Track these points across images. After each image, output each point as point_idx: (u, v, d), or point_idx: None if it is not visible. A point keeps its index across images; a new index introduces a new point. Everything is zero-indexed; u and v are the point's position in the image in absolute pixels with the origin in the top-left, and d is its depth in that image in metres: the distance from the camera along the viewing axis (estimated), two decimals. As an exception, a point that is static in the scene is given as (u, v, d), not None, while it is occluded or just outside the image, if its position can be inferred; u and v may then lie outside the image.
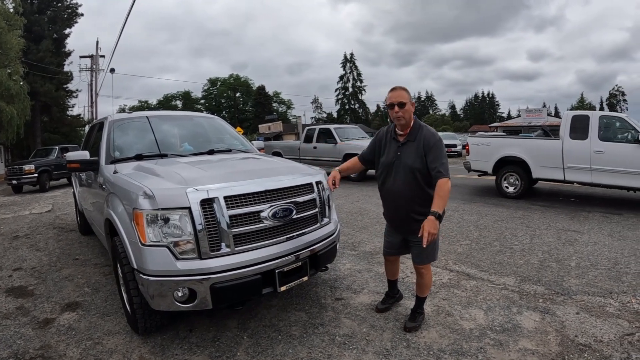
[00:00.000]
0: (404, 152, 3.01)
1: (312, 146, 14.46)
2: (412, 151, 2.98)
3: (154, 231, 2.81)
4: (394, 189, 3.05)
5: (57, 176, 16.17)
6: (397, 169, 3.03)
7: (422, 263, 3.18)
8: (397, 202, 3.08)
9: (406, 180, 2.98)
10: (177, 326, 3.40)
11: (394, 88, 3.02)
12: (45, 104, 30.02)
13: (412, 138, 3.01)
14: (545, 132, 10.39)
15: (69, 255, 5.75)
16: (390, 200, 3.13)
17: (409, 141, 3.01)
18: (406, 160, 2.98)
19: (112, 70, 5.03)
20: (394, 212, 3.17)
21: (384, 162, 3.14)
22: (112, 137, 4.34)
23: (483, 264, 4.80)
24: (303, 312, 3.64)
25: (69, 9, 32.62)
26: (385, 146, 3.18)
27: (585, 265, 4.70)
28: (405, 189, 2.99)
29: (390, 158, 3.08)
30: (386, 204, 3.23)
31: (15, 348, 3.18)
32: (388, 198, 3.16)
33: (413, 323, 3.28)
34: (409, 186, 2.98)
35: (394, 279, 3.63)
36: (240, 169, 3.73)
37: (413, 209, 3.01)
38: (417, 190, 2.98)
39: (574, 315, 3.47)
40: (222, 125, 5.57)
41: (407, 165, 2.97)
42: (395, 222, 3.23)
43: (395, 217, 3.20)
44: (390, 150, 3.11)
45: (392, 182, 3.06)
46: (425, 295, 3.35)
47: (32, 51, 26.79)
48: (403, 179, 2.99)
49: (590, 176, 8.14)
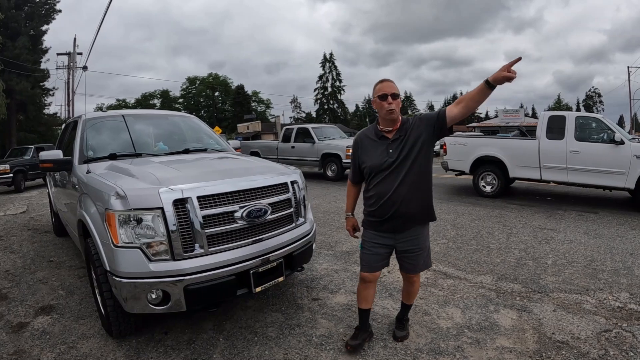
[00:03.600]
0: (396, 149, 2.70)
1: (290, 146, 14.46)
2: (407, 146, 2.69)
3: (127, 232, 2.75)
4: (391, 191, 2.68)
5: (32, 176, 15.76)
6: (394, 169, 2.69)
7: (418, 272, 2.98)
8: (398, 204, 2.68)
9: (403, 179, 2.67)
10: (152, 329, 3.35)
11: (384, 79, 2.75)
12: (21, 102, 29.38)
13: (403, 133, 2.72)
14: (522, 132, 10.55)
15: (43, 257, 5.63)
16: (389, 203, 2.70)
17: (400, 137, 2.72)
18: (400, 157, 2.68)
19: (84, 67, 4.95)
20: (393, 216, 2.72)
21: (372, 164, 2.76)
22: (85, 136, 4.26)
23: (460, 263, 4.85)
24: (279, 313, 3.62)
25: (47, 5, 31.97)
26: (369, 149, 2.83)
27: (562, 263, 4.79)
28: (402, 188, 2.67)
29: (382, 159, 2.72)
30: (381, 209, 2.74)
31: (-13, 353, 3.11)
32: (387, 203, 2.70)
33: (403, 332, 3.17)
34: (407, 185, 2.67)
35: (368, 307, 3.04)
36: (215, 168, 3.69)
37: (412, 209, 2.71)
38: (414, 187, 2.68)
39: (551, 312, 3.52)
40: (198, 125, 5.51)
41: (402, 163, 2.67)
42: (392, 227, 2.78)
43: (393, 222, 2.75)
44: (378, 149, 2.77)
45: (391, 184, 2.68)
46: (412, 302, 3.20)
47: (8, 48, 26.18)
48: (399, 178, 2.67)
49: (567, 175, 8.30)
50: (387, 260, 2.92)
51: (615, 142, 7.70)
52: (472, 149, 9.65)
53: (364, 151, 2.88)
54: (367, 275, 2.90)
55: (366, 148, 2.86)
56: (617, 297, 3.80)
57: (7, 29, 25.09)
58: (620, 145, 7.66)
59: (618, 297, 3.82)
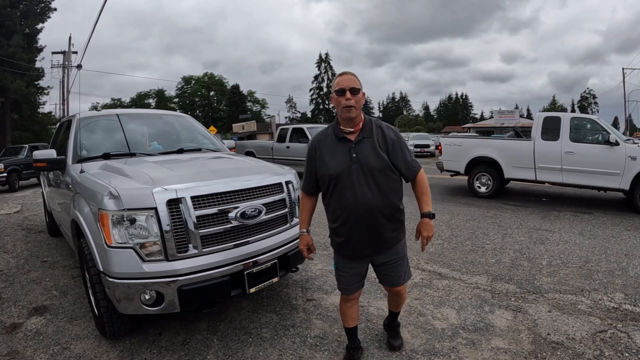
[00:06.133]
0: (361, 153, 2.40)
1: (285, 146, 14.43)
2: (370, 150, 2.41)
3: (120, 232, 2.73)
4: (360, 202, 2.38)
5: (26, 176, 15.67)
6: (356, 175, 2.38)
7: (402, 283, 2.71)
8: (365, 218, 2.41)
9: (373, 187, 2.39)
10: (145, 330, 3.33)
11: (344, 72, 2.44)
12: (16, 101, 29.23)
13: (368, 134, 2.44)
14: (517, 133, 10.58)
15: (37, 257, 5.59)
16: (355, 217, 2.41)
17: (365, 138, 2.43)
18: (367, 161, 2.39)
19: (79, 66, 4.93)
20: (360, 231, 2.45)
21: (335, 172, 2.42)
22: (79, 136, 4.24)
23: (455, 264, 4.85)
24: (274, 314, 3.61)
25: (42, 3, 31.79)
26: (329, 153, 2.50)
27: (557, 263, 4.79)
28: (374, 197, 2.39)
29: (344, 164, 2.40)
30: (346, 225, 2.46)
31: (-20, 354, 3.08)
32: (351, 215, 2.42)
33: (398, 340, 3.03)
34: (377, 192, 2.40)
35: (355, 324, 2.83)
36: (209, 168, 3.68)
37: (385, 219, 2.45)
38: (385, 195, 2.42)
39: (546, 313, 3.53)
40: (193, 124, 5.49)
41: (370, 168, 2.38)
42: (361, 243, 2.50)
43: (362, 237, 2.47)
44: (339, 154, 2.44)
45: (355, 193, 2.38)
46: (400, 309, 3.04)
47: (3, 46, 26.08)
48: (369, 185, 2.39)
49: (561, 176, 8.34)
50: (365, 276, 2.70)
51: (610, 143, 7.74)
52: (467, 149, 9.67)
53: (322, 156, 2.53)
54: (348, 297, 2.70)
55: (324, 152, 2.52)
56: (612, 298, 3.81)
57: (2, 27, 24.98)
58: (615, 146, 7.69)
59: (613, 297, 3.82)
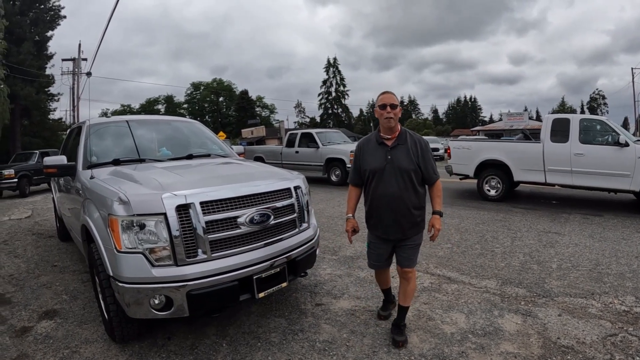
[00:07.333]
0: (396, 156, 3.03)
1: (294, 150, 14.43)
2: (404, 154, 3.02)
3: (130, 237, 2.76)
4: (389, 193, 3.01)
5: (37, 181, 15.83)
6: (389, 172, 3.01)
7: (411, 266, 3.16)
8: (392, 205, 3.02)
9: (401, 183, 3.00)
10: (155, 334, 3.35)
11: (385, 92, 3.08)
12: (26, 108, 29.44)
13: (402, 141, 3.06)
14: (525, 136, 10.51)
15: (47, 262, 5.65)
16: (385, 204, 3.05)
17: (399, 144, 3.05)
18: (400, 163, 3.00)
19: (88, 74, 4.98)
20: (388, 216, 3.06)
21: (373, 168, 3.08)
22: (89, 142, 4.29)
23: (464, 267, 4.83)
24: (282, 318, 3.61)
25: (52, 11, 32.12)
26: (370, 153, 3.15)
27: (567, 266, 4.75)
28: (400, 191, 3.00)
29: (380, 163, 3.05)
30: (379, 210, 3.11)
31: (-9, 357, 3.12)
32: (382, 202, 3.07)
33: (402, 336, 3.17)
34: (404, 188, 3.00)
35: (387, 287, 3.56)
36: (218, 174, 3.70)
37: (408, 210, 3.03)
38: (411, 191, 3.03)
39: (556, 317, 3.50)
40: (201, 130, 5.52)
41: (401, 168, 3.00)
42: (389, 227, 3.09)
43: (389, 221, 3.07)
44: (378, 155, 3.08)
45: (386, 186, 3.02)
46: (409, 304, 3.25)
47: (13, 53, 26.25)
48: (397, 181, 3.00)
49: (571, 178, 8.26)
50: (390, 258, 3.32)
51: (619, 145, 7.66)
52: (476, 152, 9.61)
53: (364, 156, 3.18)
54: (376, 270, 3.43)
55: (367, 153, 3.18)
56: (623, 301, 3.77)
57: (12, 35, 25.20)
58: (625, 147, 7.62)
59: (624, 300, 3.79)
